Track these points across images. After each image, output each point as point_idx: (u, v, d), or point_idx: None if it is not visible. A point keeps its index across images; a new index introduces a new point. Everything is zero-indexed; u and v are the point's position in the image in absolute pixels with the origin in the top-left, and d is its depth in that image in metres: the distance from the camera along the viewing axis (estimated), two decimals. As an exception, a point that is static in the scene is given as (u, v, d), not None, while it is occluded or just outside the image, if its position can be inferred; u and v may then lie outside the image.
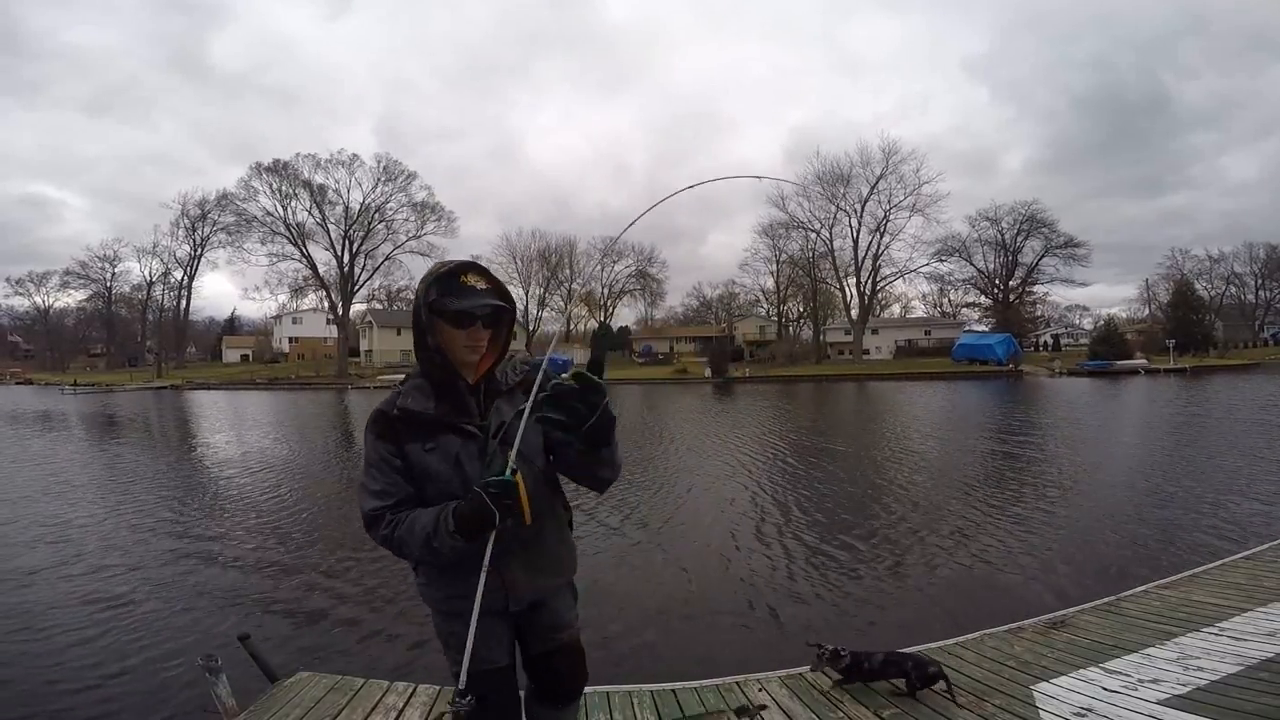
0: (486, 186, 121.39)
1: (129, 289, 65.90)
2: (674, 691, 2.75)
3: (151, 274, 63.44)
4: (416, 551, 1.47)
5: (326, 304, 59.87)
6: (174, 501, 8.87)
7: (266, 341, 74.11)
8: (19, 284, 68.79)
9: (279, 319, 70.31)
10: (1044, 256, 55.33)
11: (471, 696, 1.40)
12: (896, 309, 70.25)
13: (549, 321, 66.10)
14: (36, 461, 13.13)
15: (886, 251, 54.14)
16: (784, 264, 61.98)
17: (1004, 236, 56.21)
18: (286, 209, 55.48)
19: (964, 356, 46.02)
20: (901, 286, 62.16)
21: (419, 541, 1.44)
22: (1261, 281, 64.21)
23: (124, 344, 70.17)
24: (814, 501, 8.15)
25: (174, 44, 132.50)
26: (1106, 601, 3.61)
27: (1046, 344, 64.05)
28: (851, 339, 56.56)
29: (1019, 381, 36.32)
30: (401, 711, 2.60)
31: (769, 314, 69.50)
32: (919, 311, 70.32)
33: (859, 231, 54.34)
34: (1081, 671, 2.70)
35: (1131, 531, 6.33)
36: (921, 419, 18.40)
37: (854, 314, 55.82)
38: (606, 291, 70.04)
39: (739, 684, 2.78)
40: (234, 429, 19.44)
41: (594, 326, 68.64)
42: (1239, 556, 4.37)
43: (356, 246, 56.84)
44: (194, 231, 60.28)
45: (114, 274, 65.24)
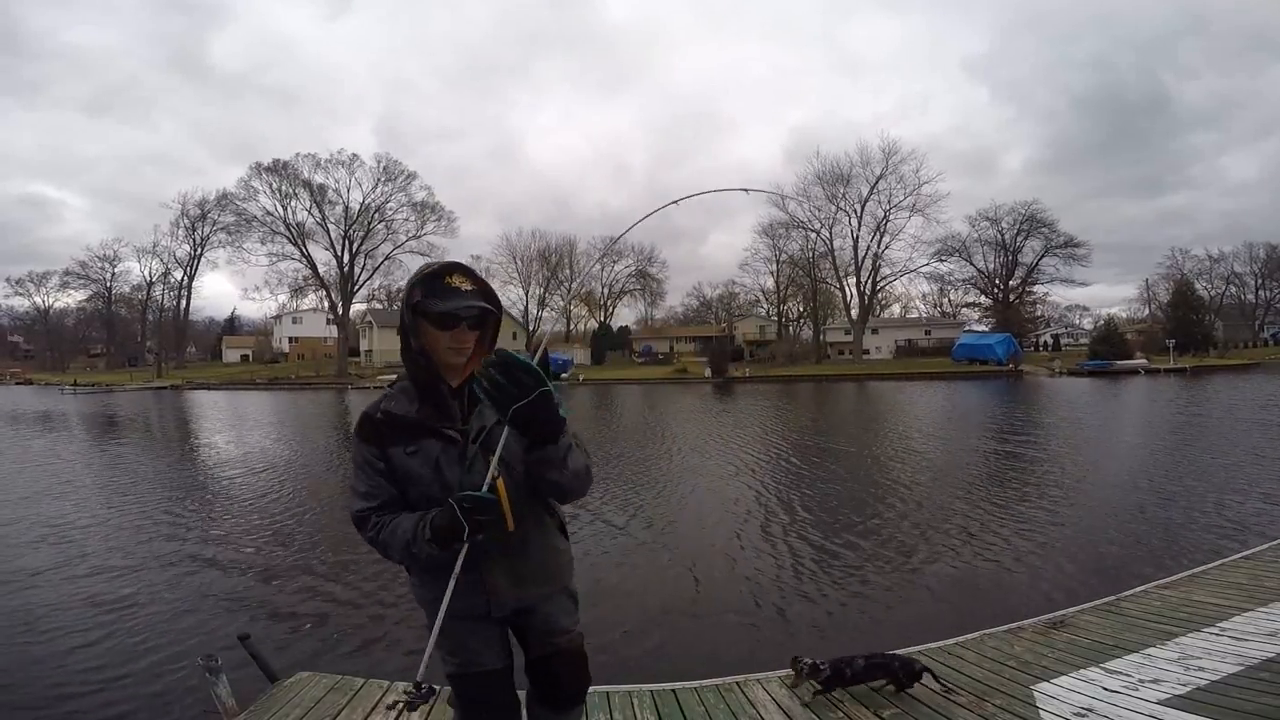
0: (486, 186, 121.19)
1: (129, 289, 66.08)
2: (674, 691, 2.75)
3: (151, 274, 63.67)
4: (397, 555, 1.48)
5: (326, 304, 60.02)
6: (176, 502, 8.87)
7: (266, 341, 74.15)
8: (19, 284, 68.98)
9: (279, 319, 70.35)
10: (1044, 256, 55.47)
11: (428, 687, 1.41)
12: (896, 309, 70.34)
13: (549, 321, 66.18)
14: (38, 462, 13.13)
15: (886, 251, 54.33)
16: (784, 264, 62.13)
17: (1004, 236, 56.32)
18: (286, 209, 55.71)
19: (964, 356, 46.02)
20: (901, 286, 61.98)
21: (400, 546, 1.46)
22: (1261, 281, 64.25)
23: (124, 344, 70.13)
24: (817, 501, 8.16)
25: (174, 44, 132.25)
26: (1107, 601, 3.60)
27: (1046, 344, 64.03)
28: (851, 339, 56.59)
29: (1019, 381, 36.31)
30: (402, 711, 2.60)
31: (769, 314, 69.48)
32: (919, 311, 70.40)
33: (859, 231, 54.48)
34: (1082, 671, 2.70)
35: (1132, 531, 6.33)
36: (922, 419, 18.39)
37: (854, 314, 55.84)
38: (606, 291, 70.19)
39: (739, 684, 2.78)
40: (235, 429, 19.44)
41: (594, 327, 68.65)
42: (1239, 556, 4.37)
43: (356, 246, 56.96)
44: (194, 231, 60.45)
45: (114, 274, 65.44)
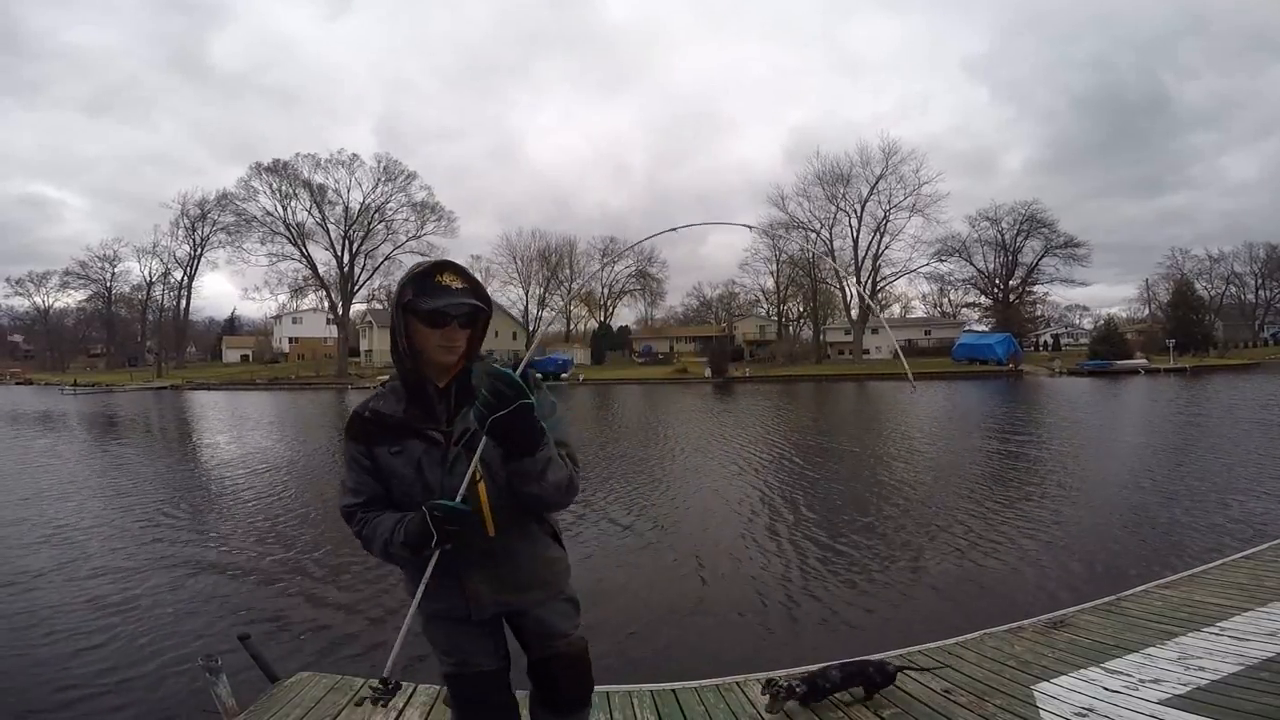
0: (486, 186, 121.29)
1: (129, 289, 66.05)
2: (674, 691, 2.74)
3: (151, 274, 63.62)
4: (377, 553, 1.51)
5: (326, 304, 59.95)
6: (177, 503, 8.86)
7: (266, 341, 74.13)
8: (19, 284, 68.94)
9: (279, 319, 70.30)
10: (1044, 256, 55.51)
11: (395, 683, 1.42)
12: (896, 309, 70.37)
13: (545, 322, 66.15)
14: (39, 463, 13.13)
15: (886, 251, 54.32)
16: (784, 264, 62.13)
17: (1004, 236, 56.36)
18: (286, 209, 55.69)
19: (964, 356, 46.03)
20: (902, 286, 62.20)
21: (379, 544, 1.48)
22: (1261, 281, 64.25)
23: (124, 344, 70.08)
24: (820, 500, 8.18)
25: (174, 44, 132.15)
26: (1107, 601, 3.59)
27: (1046, 344, 64.01)
28: (851, 339, 56.58)
29: (1019, 381, 36.35)
30: (401, 711, 2.59)
31: (769, 314, 69.49)
32: (919, 311, 70.44)
33: (859, 231, 54.49)
34: (1082, 671, 2.69)
35: (1133, 530, 6.34)
36: (923, 419, 18.38)
37: (854, 314, 55.83)
38: (606, 291, 70.21)
39: (739, 684, 2.77)
40: (235, 429, 19.43)
41: (594, 326, 68.66)
42: (1240, 556, 4.36)
43: (356, 246, 56.93)
44: (194, 231, 60.43)
45: (114, 274, 65.41)
